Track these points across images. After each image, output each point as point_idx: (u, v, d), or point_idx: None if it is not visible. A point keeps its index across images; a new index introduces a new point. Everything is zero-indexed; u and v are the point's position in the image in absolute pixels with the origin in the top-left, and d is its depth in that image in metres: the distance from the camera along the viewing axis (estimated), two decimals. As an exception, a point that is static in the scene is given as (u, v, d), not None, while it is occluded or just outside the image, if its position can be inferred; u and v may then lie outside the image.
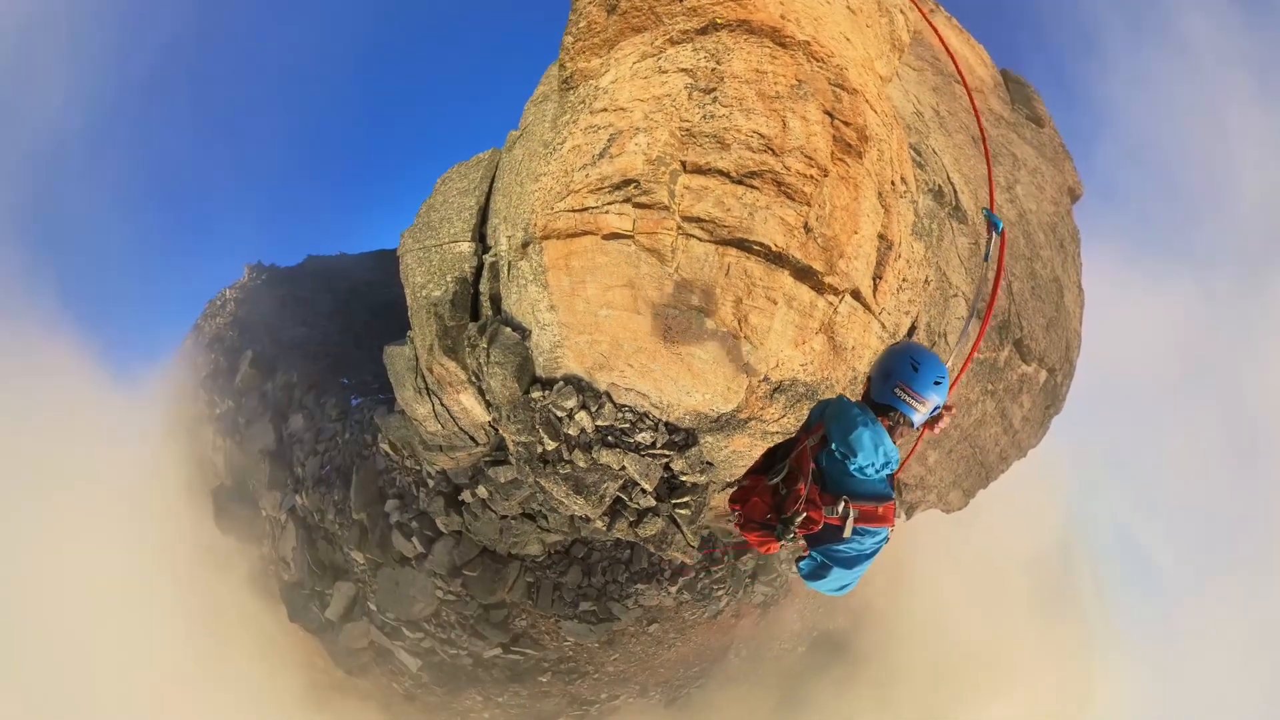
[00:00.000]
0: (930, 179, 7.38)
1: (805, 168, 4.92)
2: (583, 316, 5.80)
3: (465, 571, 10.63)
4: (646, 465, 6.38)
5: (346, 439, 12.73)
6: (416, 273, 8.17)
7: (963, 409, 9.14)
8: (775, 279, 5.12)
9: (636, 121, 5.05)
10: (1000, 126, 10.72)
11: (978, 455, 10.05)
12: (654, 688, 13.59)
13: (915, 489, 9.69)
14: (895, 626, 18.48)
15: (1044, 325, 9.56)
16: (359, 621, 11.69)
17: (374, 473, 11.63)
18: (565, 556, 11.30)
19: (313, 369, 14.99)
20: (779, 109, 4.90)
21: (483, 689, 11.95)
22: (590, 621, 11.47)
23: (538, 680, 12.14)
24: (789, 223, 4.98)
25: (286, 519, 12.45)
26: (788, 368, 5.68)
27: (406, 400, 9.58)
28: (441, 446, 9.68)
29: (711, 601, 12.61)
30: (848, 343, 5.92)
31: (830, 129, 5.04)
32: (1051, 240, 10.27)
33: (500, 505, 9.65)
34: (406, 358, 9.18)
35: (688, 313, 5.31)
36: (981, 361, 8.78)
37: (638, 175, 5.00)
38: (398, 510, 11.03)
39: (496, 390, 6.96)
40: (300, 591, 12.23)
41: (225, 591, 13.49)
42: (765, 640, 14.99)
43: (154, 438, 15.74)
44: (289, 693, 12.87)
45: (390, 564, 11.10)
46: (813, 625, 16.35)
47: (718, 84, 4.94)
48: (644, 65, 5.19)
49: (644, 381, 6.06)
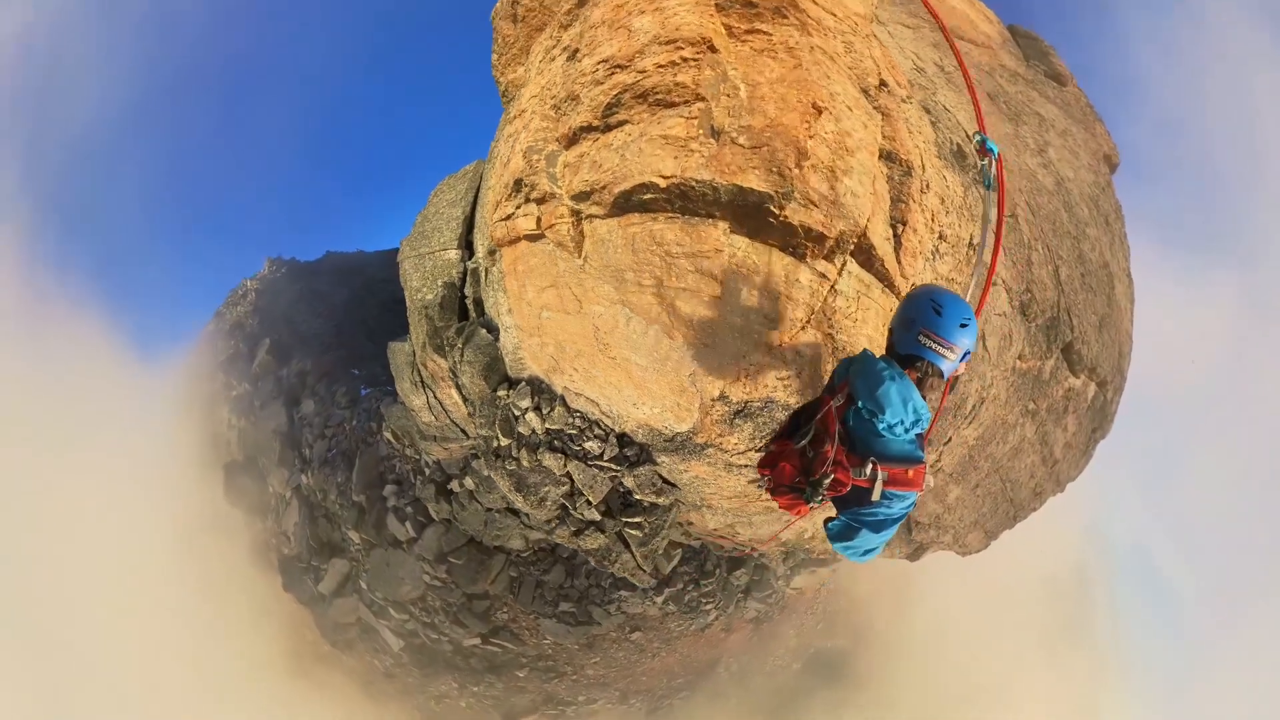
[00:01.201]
0: (946, 137, 5.89)
1: (670, 54, 3.56)
2: (529, 319, 5.37)
3: (451, 559, 10.99)
4: (592, 476, 6.24)
5: (353, 425, 13.28)
6: (413, 277, 8.60)
7: (999, 435, 7.42)
8: (701, 237, 3.60)
9: (523, 124, 4.60)
10: (1018, 83, 9.08)
11: (1008, 491, 8.30)
12: (635, 695, 13.46)
13: (929, 528, 8.10)
14: (896, 648, 17.65)
15: (1096, 325, 7.70)
16: (349, 598, 12.17)
17: (376, 459, 12.12)
18: (550, 555, 11.38)
19: (326, 359, 15.66)
20: (624, 21, 3.82)
21: (459, 676, 12.26)
22: (569, 623, 11.49)
23: (514, 674, 12.37)
24: (675, 135, 3.53)
25: (291, 496, 13.08)
26: (757, 383, 3.99)
27: (405, 392, 10.06)
28: (435, 437, 10.11)
29: (699, 615, 12.08)
30: (856, 345, 3.93)
31: None
32: (1096, 216, 8.42)
33: (485, 498, 10.03)
34: (406, 353, 9.69)
35: (612, 310, 4.19)
36: (1024, 373, 7.03)
37: (520, 173, 4.52)
38: (395, 495, 11.50)
39: (468, 386, 7.32)
40: (297, 564, 12.81)
41: (225, 557, 14.24)
42: (757, 656, 14.55)
43: (173, 413, 16.75)
44: (273, 656, 13.52)
45: (383, 545, 11.56)
46: (809, 643, 15.72)
47: (580, 41, 4.19)
48: (544, 62, 4.79)
49: (591, 388, 5.36)
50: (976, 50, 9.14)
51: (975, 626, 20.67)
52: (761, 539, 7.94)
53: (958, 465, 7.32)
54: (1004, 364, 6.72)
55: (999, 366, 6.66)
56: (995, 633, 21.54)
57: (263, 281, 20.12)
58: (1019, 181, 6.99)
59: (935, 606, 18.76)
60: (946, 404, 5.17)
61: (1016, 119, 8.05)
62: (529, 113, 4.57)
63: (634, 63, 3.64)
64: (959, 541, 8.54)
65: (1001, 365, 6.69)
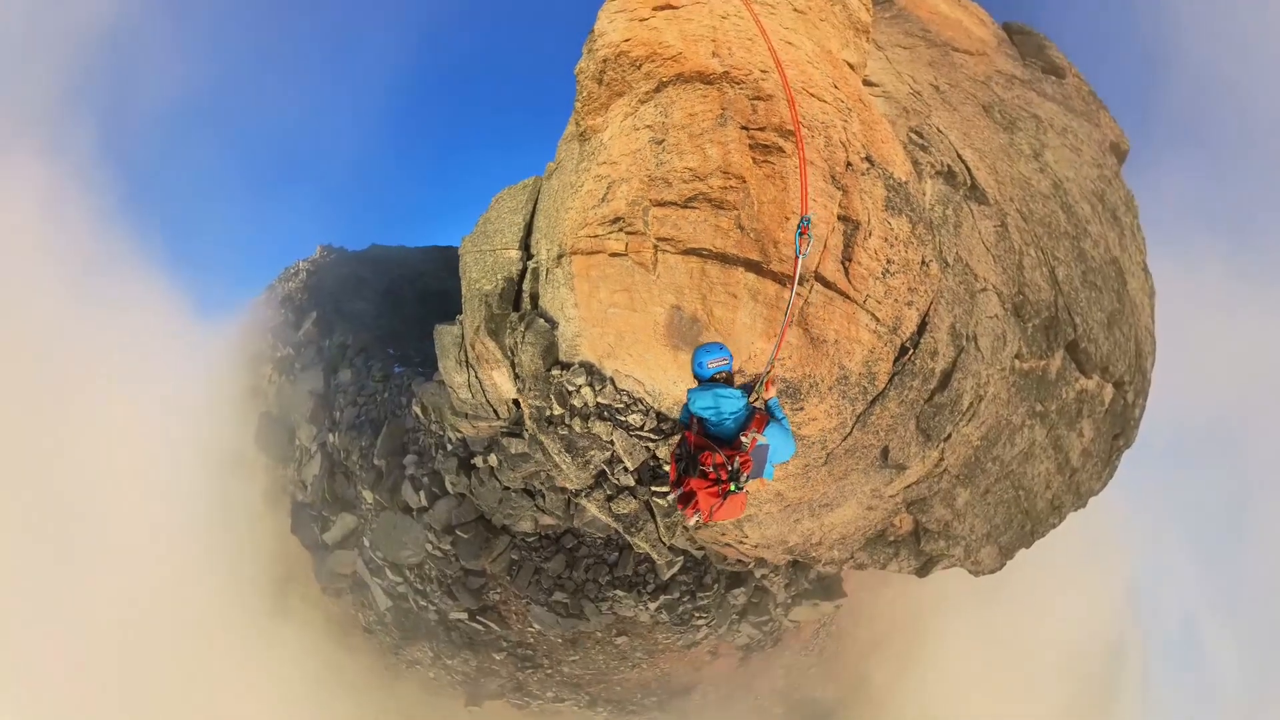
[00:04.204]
0: (937, 160, 7.02)
1: (724, 181, 5.88)
2: (596, 313, 7.04)
3: (458, 532, 11.70)
4: (632, 444, 7.48)
5: (384, 398, 14.41)
6: (472, 270, 9.91)
7: (1004, 436, 7.76)
8: (731, 276, 5.89)
9: (621, 174, 6.50)
10: (1013, 87, 9.46)
11: (1021, 500, 8.34)
12: (604, 703, 13.46)
13: (937, 537, 8.30)
14: (892, 710, 16.00)
15: (1103, 322, 7.84)
16: (350, 551, 12.95)
17: (401, 429, 13.16)
18: (554, 544, 11.74)
19: (365, 336, 17.05)
20: (700, 143, 6.01)
21: (436, 646, 12.77)
22: (559, 613, 11.75)
23: (491, 656, 12.79)
24: (721, 227, 5.89)
25: (316, 450, 14.06)
26: (761, 361, 5.84)
27: (447, 369, 11.18)
28: (467, 414, 11.16)
29: (689, 629, 12.08)
30: (827, 335, 6.06)
31: (745, 140, 5.90)
32: (1100, 211, 8.49)
33: (505, 476, 10.92)
34: (454, 335, 10.87)
35: (670, 310, 6.31)
36: (1025, 374, 7.65)
37: (623, 214, 6.44)
38: (414, 465, 12.39)
39: (526, 364, 8.51)
40: (308, 511, 13.67)
41: (243, 491, 15.36)
42: (739, 689, 13.94)
43: (221, 362, 18.24)
44: (263, 586, 14.40)
45: (394, 510, 12.39)
46: (798, 686, 14.88)
47: (665, 135, 6.22)
48: (626, 124, 6.62)
49: (640, 369, 7.03)
50: (971, 60, 9.47)
51: (985, 697, 18.02)
52: (769, 542, 8.59)
53: (963, 466, 7.78)
54: (999, 363, 7.28)
55: (994, 365, 7.24)
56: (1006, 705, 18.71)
57: (314, 263, 22.24)
58: (1010, 190, 7.68)
59: (944, 668, 16.79)
60: (943, 400, 7.16)
61: (1011, 127, 8.61)
62: (626, 170, 6.50)
63: (707, 179, 5.98)
64: (971, 556, 8.55)
65: (997, 364, 7.26)
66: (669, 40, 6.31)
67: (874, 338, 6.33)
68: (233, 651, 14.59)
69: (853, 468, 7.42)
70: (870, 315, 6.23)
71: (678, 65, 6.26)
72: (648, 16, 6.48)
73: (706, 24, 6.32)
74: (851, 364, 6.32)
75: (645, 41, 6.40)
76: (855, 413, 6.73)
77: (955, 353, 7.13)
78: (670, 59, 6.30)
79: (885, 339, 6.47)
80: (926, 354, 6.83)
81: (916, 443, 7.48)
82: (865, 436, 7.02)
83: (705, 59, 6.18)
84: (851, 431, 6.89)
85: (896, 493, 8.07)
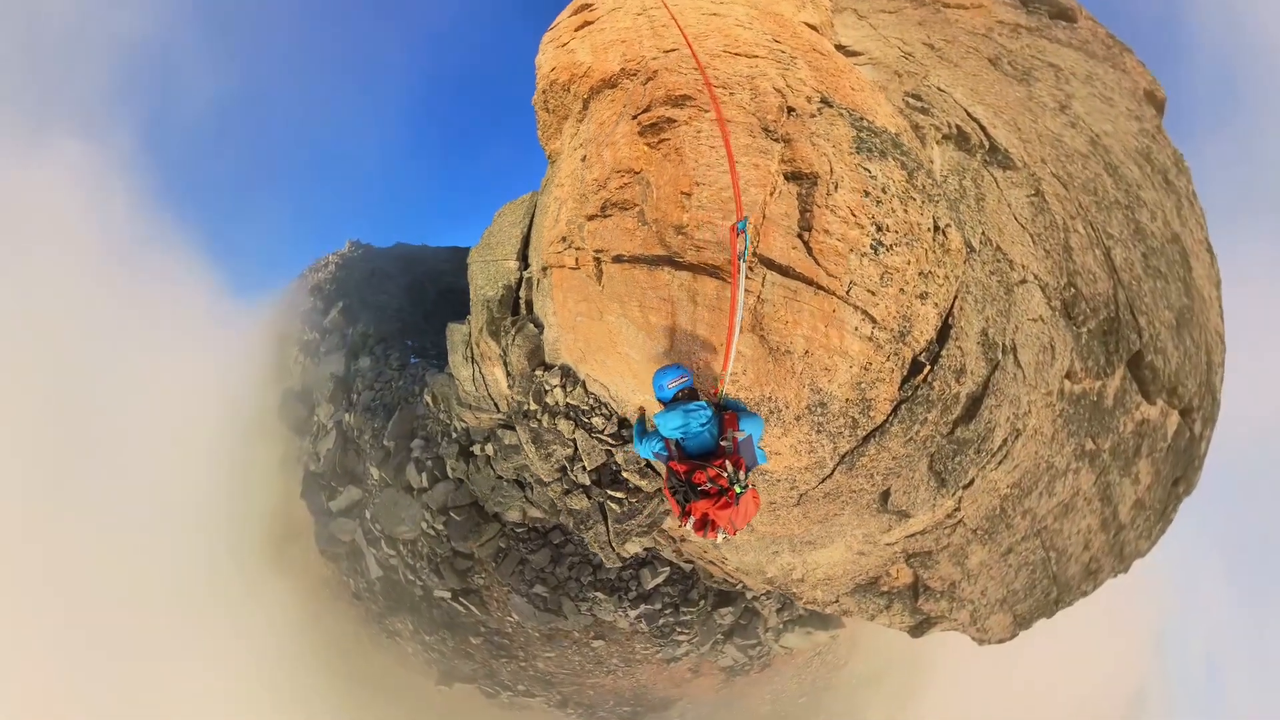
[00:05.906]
0: (942, 121, 5.62)
1: (619, 180, 5.26)
2: (569, 321, 7.03)
3: (452, 513, 12.48)
4: (593, 445, 7.88)
5: (400, 385, 15.52)
6: (478, 277, 10.89)
7: (1042, 484, 5.82)
8: (657, 278, 4.95)
9: (565, 194, 6.53)
10: (1020, 36, 7.93)
11: (1051, 564, 6.46)
12: (575, 706, 13.52)
13: (940, 597, 6.74)
14: None
15: (1172, 324, 5.82)
16: (352, 520, 13.91)
17: (412, 415, 14.17)
18: (542, 537, 12.16)
19: (386, 328, 18.32)
20: (600, 150, 5.61)
21: (417, 621, 13.46)
22: (538, 606, 11.99)
23: (468, 639, 13.41)
24: (627, 228, 5.15)
25: (332, 427, 15.19)
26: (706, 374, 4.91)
27: (456, 364, 12.16)
28: (471, 406, 12.12)
29: (669, 643, 11.49)
30: (793, 345, 4.48)
31: (635, 129, 5.24)
32: (1150, 174, 6.67)
33: (499, 465, 11.80)
34: (463, 333, 11.88)
35: (619, 319, 5.68)
36: (1076, 399, 5.69)
37: (566, 233, 6.39)
38: (421, 449, 13.34)
39: (514, 364, 9.46)
40: (318, 480, 14.73)
41: (260, 455, 16.62)
42: (721, 710, 13.14)
43: (252, 339, 19.77)
44: (262, 542, 15.50)
45: (397, 487, 13.31)
46: (784, 714, 13.71)
47: (587, 150, 5.95)
48: (570, 144, 6.62)
49: (604, 375, 6.98)
50: (966, 14, 8.28)
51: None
52: (747, 569, 8.19)
53: (983, 519, 6.08)
54: (1045, 384, 5.44)
55: (1038, 388, 5.41)
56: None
57: (343, 256, 23.92)
58: (1040, 150, 5.98)
59: (945, 713, 15.24)
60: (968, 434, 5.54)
61: (1026, 78, 6.84)
62: (566, 190, 6.49)
63: (607, 185, 5.36)
64: (977, 623, 6.84)
65: (1041, 386, 5.42)
66: (581, 59, 6.36)
67: (868, 347, 4.58)
68: (230, 590, 15.63)
69: (836, 513, 6.04)
70: (860, 312, 4.49)
71: (589, 79, 6.20)
72: (568, 40, 6.64)
73: (619, 28, 6.18)
74: (832, 385, 4.66)
75: (566, 65, 6.46)
76: (837, 451, 5.11)
77: (988, 370, 5.25)
78: (583, 76, 6.30)
79: (887, 349, 4.70)
80: (950, 373, 5.01)
81: (927, 488, 5.75)
82: (854, 480, 5.46)
83: (612, 64, 5.89)
84: (833, 474, 5.36)
85: (895, 541, 6.61)
